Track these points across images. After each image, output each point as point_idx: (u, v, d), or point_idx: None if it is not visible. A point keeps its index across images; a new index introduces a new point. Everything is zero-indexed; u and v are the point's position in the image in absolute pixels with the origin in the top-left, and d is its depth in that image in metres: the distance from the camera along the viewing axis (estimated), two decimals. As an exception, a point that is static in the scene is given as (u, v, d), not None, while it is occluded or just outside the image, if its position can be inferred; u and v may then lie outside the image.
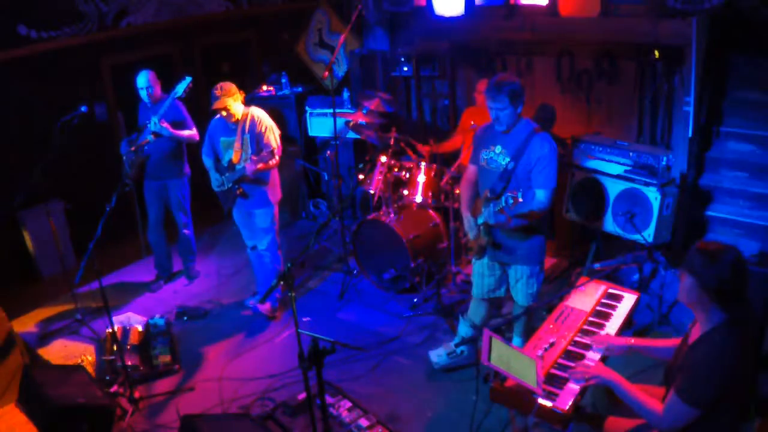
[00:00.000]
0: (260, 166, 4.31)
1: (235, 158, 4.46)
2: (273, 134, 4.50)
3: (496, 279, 3.87)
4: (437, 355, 4.14)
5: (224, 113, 4.39)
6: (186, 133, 4.92)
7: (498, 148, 3.57)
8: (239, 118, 4.45)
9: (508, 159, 3.51)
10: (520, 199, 3.18)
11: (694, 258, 2.29)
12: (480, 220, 3.51)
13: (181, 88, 4.69)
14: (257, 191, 4.56)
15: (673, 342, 2.77)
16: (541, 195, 3.46)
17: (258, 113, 4.52)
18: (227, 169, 4.52)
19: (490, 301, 4.00)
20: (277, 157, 4.46)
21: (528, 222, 3.51)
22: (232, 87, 4.41)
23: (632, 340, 2.84)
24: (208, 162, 4.67)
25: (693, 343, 2.37)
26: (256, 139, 4.43)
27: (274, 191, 4.67)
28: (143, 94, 4.86)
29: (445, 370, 4.11)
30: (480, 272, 3.90)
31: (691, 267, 2.30)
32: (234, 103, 4.39)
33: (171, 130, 4.79)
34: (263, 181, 4.54)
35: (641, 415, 2.43)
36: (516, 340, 4.01)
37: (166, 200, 5.17)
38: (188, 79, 4.69)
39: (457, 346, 4.12)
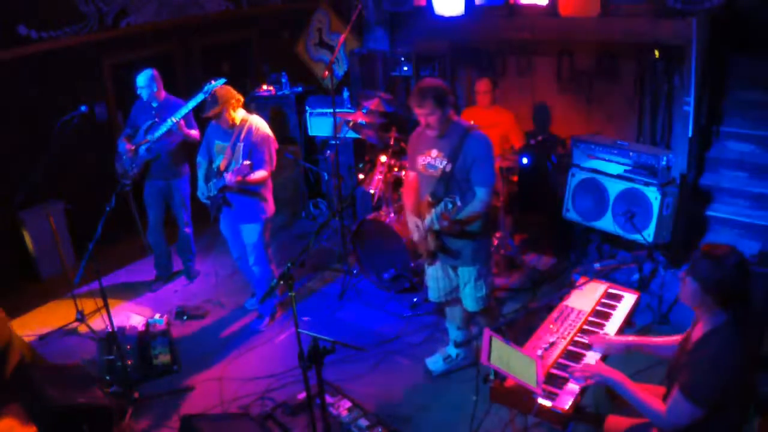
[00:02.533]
0: (239, 178, 4.07)
1: (222, 164, 4.31)
2: (268, 146, 4.29)
3: (450, 282, 3.85)
4: (434, 363, 4.13)
5: (218, 119, 4.23)
6: (193, 132, 4.91)
7: (434, 152, 3.56)
8: (237, 123, 4.27)
9: (445, 162, 3.50)
10: (459, 204, 3.19)
11: (699, 262, 2.30)
12: (427, 224, 3.50)
13: (212, 89, 4.61)
14: (245, 204, 4.39)
15: (672, 339, 2.77)
16: (481, 193, 3.46)
17: (257, 123, 4.31)
18: (215, 175, 4.36)
19: (458, 301, 3.96)
20: (266, 172, 4.29)
21: (473, 223, 3.50)
22: (226, 94, 4.20)
23: (630, 338, 2.84)
24: (202, 163, 4.50)
25: (696, 342, 2.38)
26: (249, 150, 4.23)
27: (266, 206, 4.49)
28: (143, 93, 4.85)
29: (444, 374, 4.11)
30: (434, 276, 3.89)
31: (695, 271, 2.31)
32: (227, 111, 4.19)
33: (186, 130, 4.78)
34: (252, 193, 4.35)
35: (644, 413, 2.43)
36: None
37: (168, 200, 5.17)
38: (222, 80, 4.51)
39: (456, 346, 4.13)
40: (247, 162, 4.09)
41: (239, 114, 4.30)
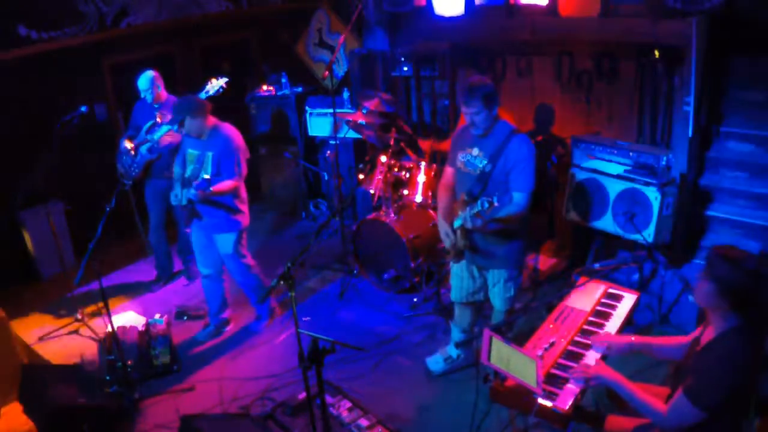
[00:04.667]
0: (200, 193, 3.94)
1: (192, 173, 4.16)
2: (236, 155, 4.14)
3: (474, 282, 3.84)
4: (434, 362, 4.13)
5: (184, 128, 4.11)
6: None
7: (475, 151, 3.55)
8: (206, 131, 4.13)
9: (485, 161, 3.49)
10: (496, 203, 3.15)
11: (716, 263, 2.28)
12: (457, 223, 3.49)
13: (214, 88, 4.55)
14: (217, 215, 4.25)
15: (675, 340, 2.76)
16: (518, 198, 3.44)
17: (226, 131, 4.18)
18: (187, 183, 4.18)
19: (473, 305, 3.98)
20: (234, 182, 4.14)
21: (506, 225, 3.48)
22: (188, 105, 4.06)
23: (633, 338, 2.84)
24: (177, 171, 4.34)
25: (706, 345, 2.36)
26: (218, 159, 4.11)
27: (240, 216, 4.33)
28: (147, 95, 4.84)
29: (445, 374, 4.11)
30: (459, 275, 3.87)
31: (712, 272, 2.28)
32: (192, 122, 4.06)
33: None
34: (223, 205, 4.22)
35: (644, 413, 2.42)
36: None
37: (169, 200, 5.16)
38: (224, 78, 4.48)
39: (457, 347, 4.12)
40: (207, 176, 3.94)
41: (208, 122, 4.14)
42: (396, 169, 5.22)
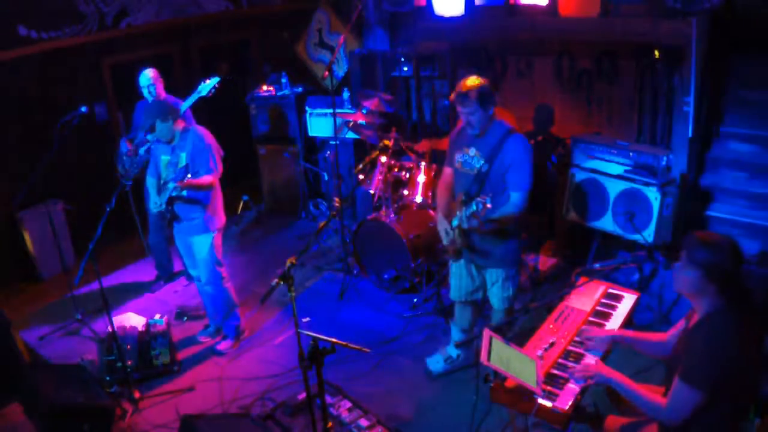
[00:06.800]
0: (179, 183, 3.90)
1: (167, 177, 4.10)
2: (210, 152, 4.09)
3: (473, 281, 3.84)
4: (435, 363, 4.13)
5: (154, 132, 4.09)
6: None
7: (472, 151, 3.55)
8: (176, 134, 4.10)
9: (482, 161, 3.49)
10: (489, 205, 3.15)
11: (697, 250, 2.31)
12: (454, 223, 3.49)
13: (206, 88, 4.54)
14: (193, 216, 4.19)
15: (659, 336, 2.77)
16: (515, 197, 3.45)
17: (198, 131, 4.15)
18: (163, 189, 4.12)
19: (473, 304, 3.98)
20: (211, 177, 4.09)
21: (503, 225, 3.48)
22: (159, 108, 4.05)
23: (616, 332, 2.84)
24: (151, 182, 4.28)
25: (692, 327, 2.39)
26: (192, 158, 4.06)
27: (215, 217, 4.26)
28: (146, 92, 4.85)
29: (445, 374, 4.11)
30: (457, 274, 3.88)
31: (694, 258, 2.32)
32: (163, 125, 4.03)
33: None
34: (198, 202, 4.16)
35: (644, 409, 2.42)
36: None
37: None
38: (216, 78, 4.48)
39: (457, 347, 4.12)
40: (185, 164, 3.92)
41: (178, 126, 4.11)
42: (396, 169, 5.21)
